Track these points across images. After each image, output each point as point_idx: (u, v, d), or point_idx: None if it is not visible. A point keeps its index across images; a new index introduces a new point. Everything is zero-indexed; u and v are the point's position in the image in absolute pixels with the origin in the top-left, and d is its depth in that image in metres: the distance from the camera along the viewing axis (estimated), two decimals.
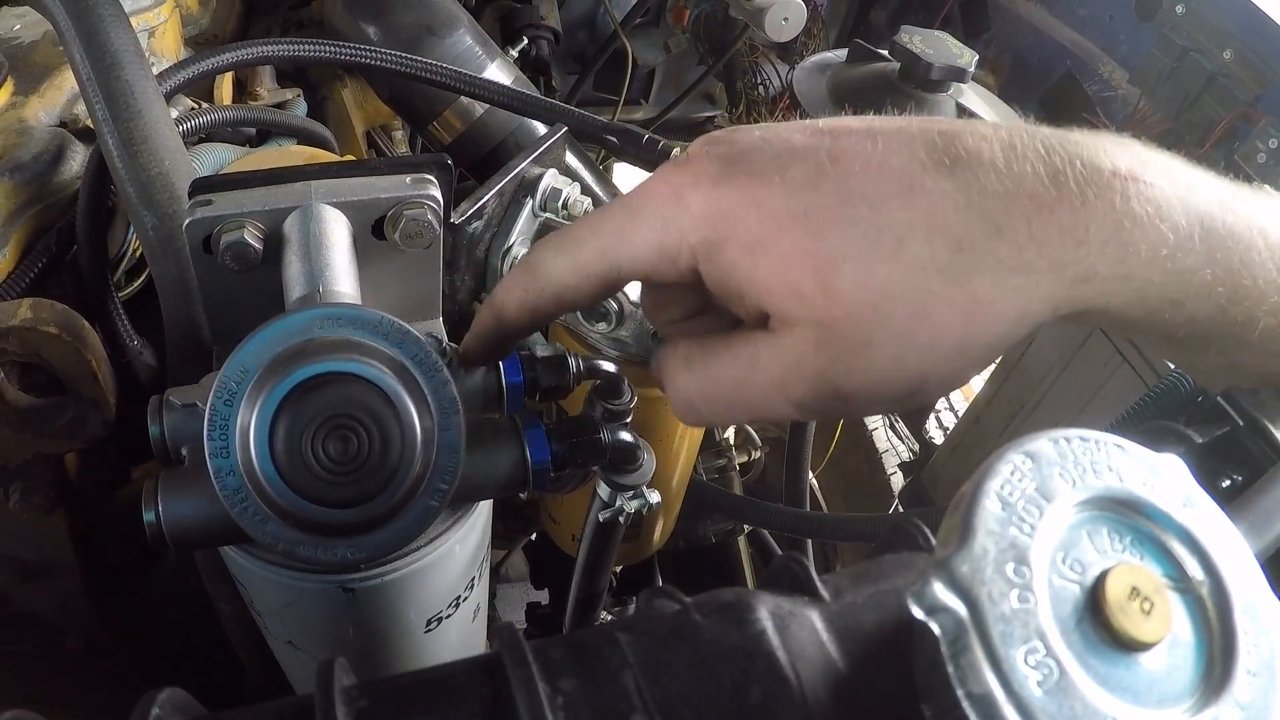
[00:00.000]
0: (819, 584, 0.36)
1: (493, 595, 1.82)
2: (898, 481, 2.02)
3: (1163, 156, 0.44)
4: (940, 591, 0.29)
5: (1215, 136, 1.26)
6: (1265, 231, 0.44)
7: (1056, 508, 0.32)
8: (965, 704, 0.29)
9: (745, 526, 1.57)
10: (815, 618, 0.35)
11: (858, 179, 0.42)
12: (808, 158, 0.43)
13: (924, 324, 0.41)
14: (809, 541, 1.50)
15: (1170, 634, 0.31)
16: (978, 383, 1.77)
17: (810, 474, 1.69)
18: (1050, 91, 1.60)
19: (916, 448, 2.04)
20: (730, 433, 1.62)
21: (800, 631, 0.34)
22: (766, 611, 0.34)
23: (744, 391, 0.46)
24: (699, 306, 0.53)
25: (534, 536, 1.51)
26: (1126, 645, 0.31)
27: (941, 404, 2.11)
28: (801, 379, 0.43)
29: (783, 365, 0.44)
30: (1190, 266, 0.42)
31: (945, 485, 1.59)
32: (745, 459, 1.74)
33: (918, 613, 0.30)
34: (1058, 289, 0.41)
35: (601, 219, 0.49)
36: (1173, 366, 0.80)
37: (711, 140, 0.48)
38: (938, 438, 2.04)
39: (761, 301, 0.44)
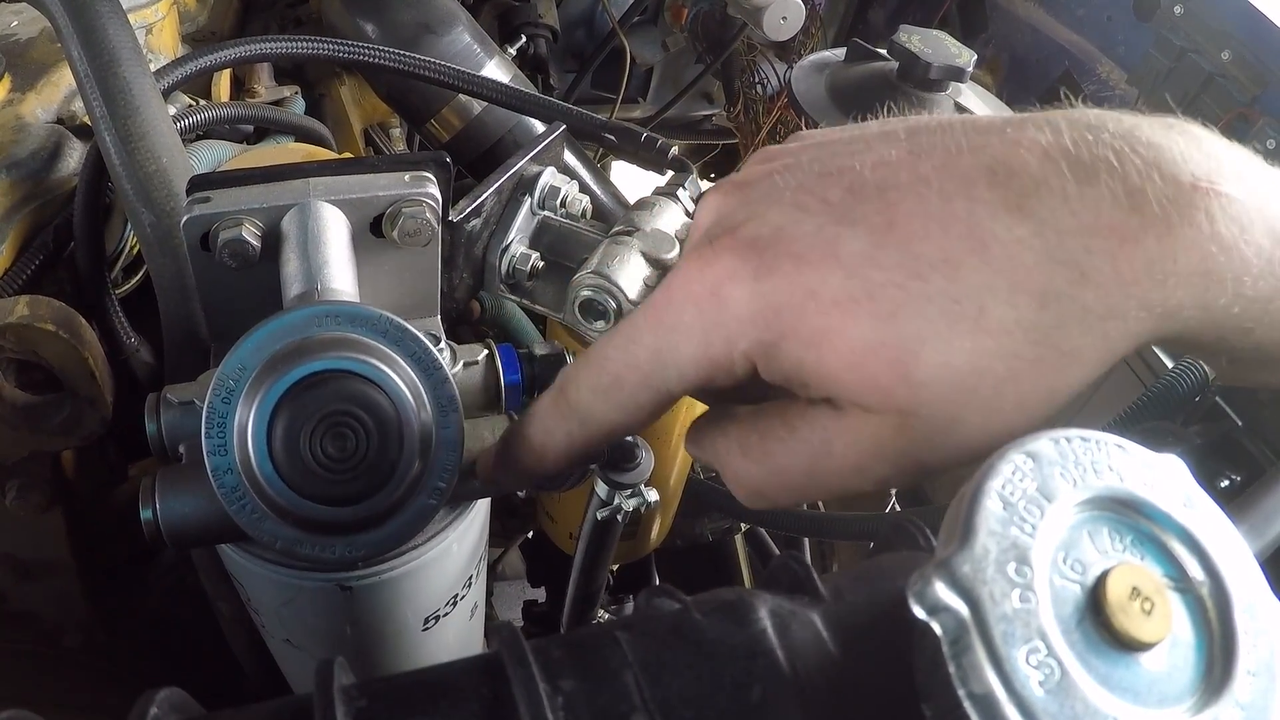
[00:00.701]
0: (819, 583, 0.36)
1: (490, 593, 1.82)
2: None
3: (1230, 150, 0.40)
4: (942, 591, 0.29)
5: None
6: None
7: (1057, 507, 0.32)
8: (967, 704, 0.29)
9: (742, 525, 1.57)
10: (815, 617, 0.35)
11: (921, 243, 0.38)
12: (858, 226, 0.39)
13: (1011, 387, 0.38)
14: (806, 540, 1.50)
15: (1171, 634, 0.31)
16: None
17: None
18: (1048, 91, 1.60)
19: None
20: None
21: (801, 631, 0.34)
22: (767, 611, 0.34)
23: (817, 478, 0.42)
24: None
25: (531, 534, 1.51)
26: (1127, 645, 0.31)
27: None
28: (883, 461, 0.40)
29: (859, 451, 0.40)
30: (1266, 295, 0.39)
31: (944, 484, 1.59)
32: None
33: (919, 612, 0.30)
34: (1144, 326, 0.38)
35: (633, 345, 0.44)
36: (1171, 365, 0.81)
37: (729, 222, 0.42)
38: None
39: (832, 393, 0.40)
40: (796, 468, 0.42)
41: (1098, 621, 0.31)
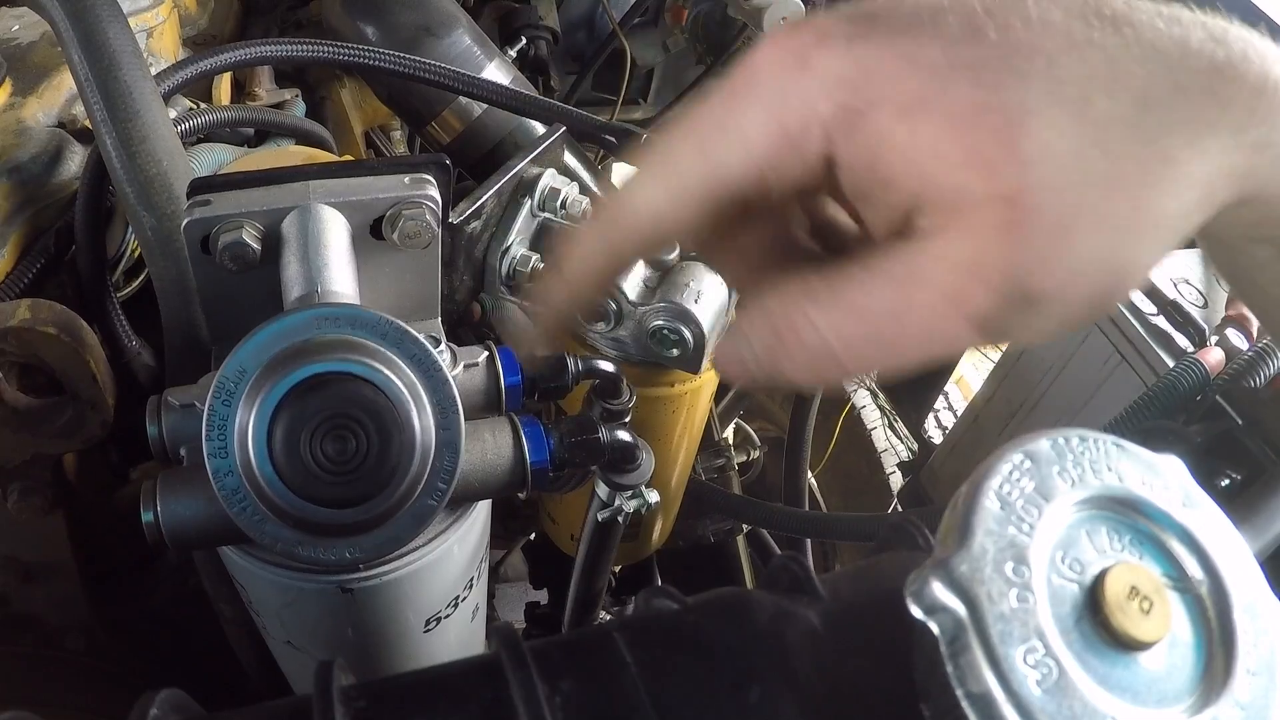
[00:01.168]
0: (818, 584, 0.36)
1: (491, 595, 1.82)
2: (897, 481, 2.02)
3: None
4: (939, 591, 0.29)
5: None
6: None
7: (1055, 507, 0.32)
8: (964, 703, 0.29)
9: (744, 526, 1.57)
10: (814, 617, 0.35)
11: (1022, 32, 0.35)
12: (958, 10, 0.36)
13: (1120, 194, 0.35)
14: (808, 541, 1.50)
15: (1169, 633, 0.31)
16: (976, 381, 1.77)
17: (809, 473, 1.69)
18: None
19: (915, 447, 2.04)
20: (729, 432, 1.62)
21: (799, 631, 0.34)
22: (766, 611, 0.34)
23: (903, 317, 0.36)
24: (782, 249, 0.44)
25: (533, 536, 1.51)
26: (1126, 644, 0.31)
27: (940, 403, 2.12)
28: (984, 282, 0.34)
29: (958, 267, 0.35)
30: None
31: (944, 484, 1.59)
32: (744, 458, 1.75)
33: (917, 612, 0.30)
34: (1239, 155, 0.36)
35: (694, 115, 0.38)
36: (1171, 365, 0.81)
37: (827, 7, 0.39)
38: (936, 437, 2.04)
39: (923, 183, 0.35)
40: (879, 307, 0.36)
41: (1096, 621, 0.31)
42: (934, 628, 0.30)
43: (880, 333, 0.36)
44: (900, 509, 1.76)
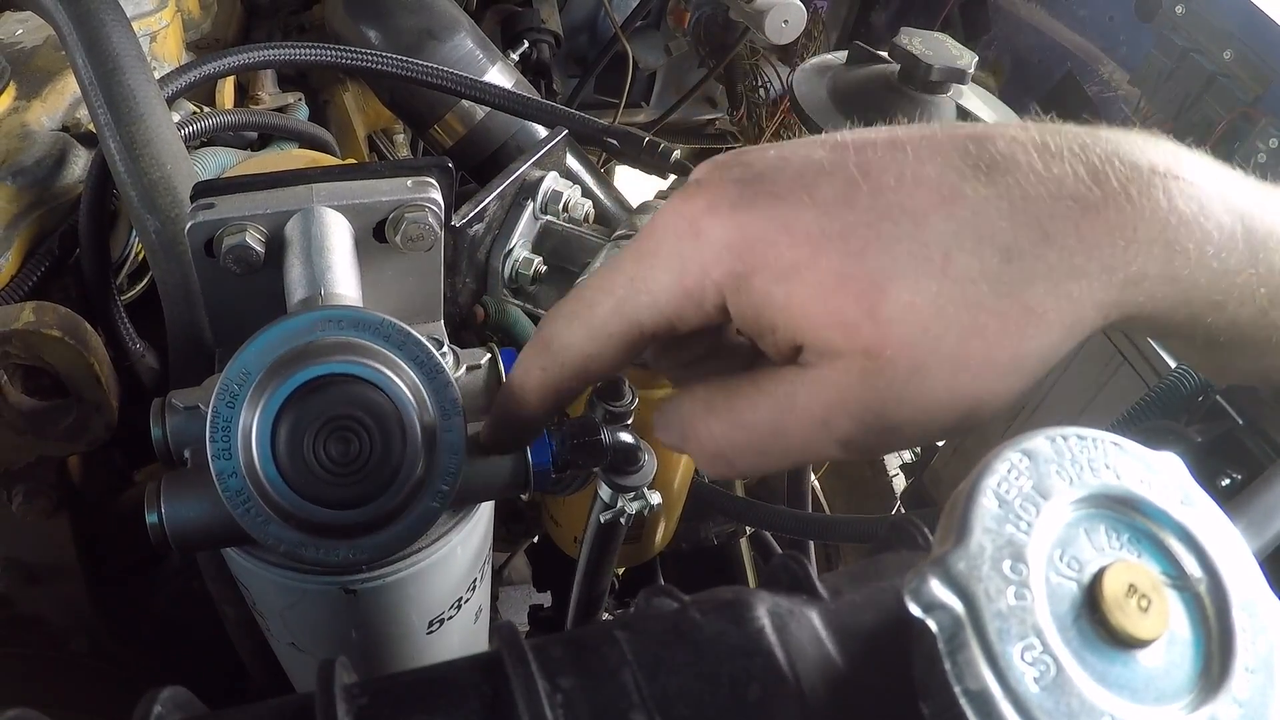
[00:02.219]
0: (817, 583, 0.36)
1: (495, 598, 1.82)
2: (900, 483, 2.02)
3: (1194, 154, 0.42)
4: (937, 589, 0.30)
5: (1216, 136, 1.26)
6: None
7: (1053, 505, 0.33)
8: (962, 701, 0.29)
9: (747, 528, 1.57)
10: (814, 616, 0.35)
11: (893, 192, 0.39)
12: (835, 173, 0.41)
13: (977, 341, 0.38)
14: (810, 543, 1.50)
15: (1168, 631, 0.31)
16: None
17: (813, 476, 1.69)
18: (1051, 93, 1.60)
19: (918, 450, 2.04)
20: None
21: (799, 630, 0.34)
22: (765, 610, 0.34)
23: (781, 435, 0.42)
24: (710, 349, 0.50)
25: (536, 539, 1.51)
26: (1124, 642, 0.31)
27: None
28: (848, 414, 0.40)
29: (825, 401, 0.40)
30: (1234, 267, 0.41)
31: (947, 486, 1.58)
32: None
33: (915, 610, 0.30)
34: (1109, 293, 0.39)
35: (611, 272, 0.45)
36: (1174, 365, 0.81)
37: (720, 164, 0.44)
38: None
39: (798, 333, 0.40)
40: (761, 423, 0.42)
41: (1094, 619, 0.31)
42: (932, 625, 0.30)
43: (762, 443, 0.43)
44: (903, 511, 1.76)
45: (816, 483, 2.14)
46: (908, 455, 2.10)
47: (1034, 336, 0.39)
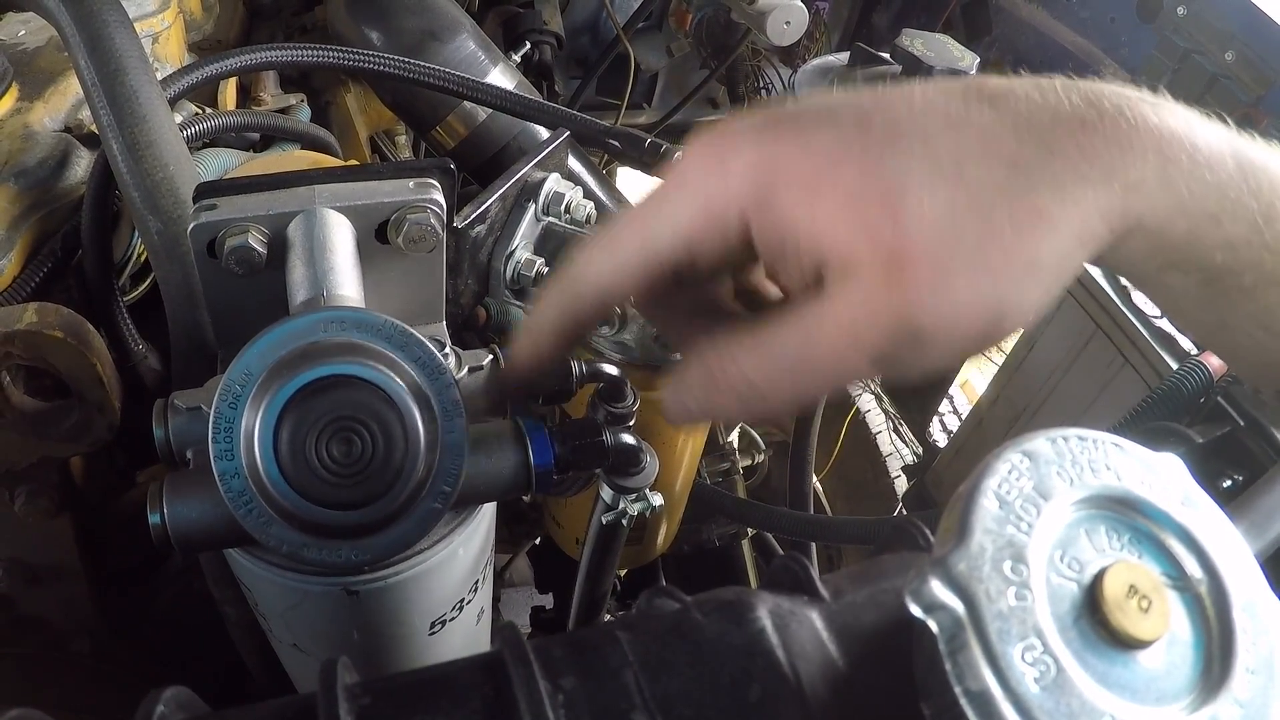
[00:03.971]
0: (819, 583, 0.36)
1: (497, 599, 1.82)
2: (902, 485, 2.02)
3: (1178, 104, 0.45)
4: (937, 589, 0.30)
5: None
6: None
7: (1054, 506, 0.33)
8: (963, 701, 0.29)
9: (749, 530, 1.57)
10: (815, 617, 0.35)
11: (905, 119, 0.42)
12: (850, 109, 0.43)
13: (994, 244, 0.40)
14: (813, 545, 1.50)
15: (1168, 632, 0.31)
16: (981, 385, 1.77)
17: (814, 478, 1.69)
18: None
19: (920, 451, 2.04)
20: (734, 436, 1.62)
21: (800, 630, 0.34)
22: (766, 610, 0.34)
23: (811, 356, 0.43)
24: (708, 308, 0.51)
25: (538, 541, 1.51)
26: (1124, 643, 0.31)
27: (945, 406, 2.11)
28: (876, 325, 0.40)
29: (853, 315, 0.41)
30: (1224, 180, 0.43)
31: (949, 488, 1.58)
32: (749, 463, 1.74)
33: (915, 610, 0.30)
34: (1112, 198, 0.41)
35: (639, 205, 0.47)
36: (1173, 368, 0.81)
37: (741, 115, 0.46)
38: (941, 440, 2.04)
39: (821, 247, 0.42)
40: (789, 348, 0.43)
41: (1095, 619, 0.31)
42: (932, 626, 0.30)
43: (794, 368, 0.43)
44: (905, 512, 1.76)
45: (818, 484, 2.14)
46: (910, 457, 2.10)
47: (1046, 238, 0.41)
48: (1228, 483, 0.59)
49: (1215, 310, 0.48)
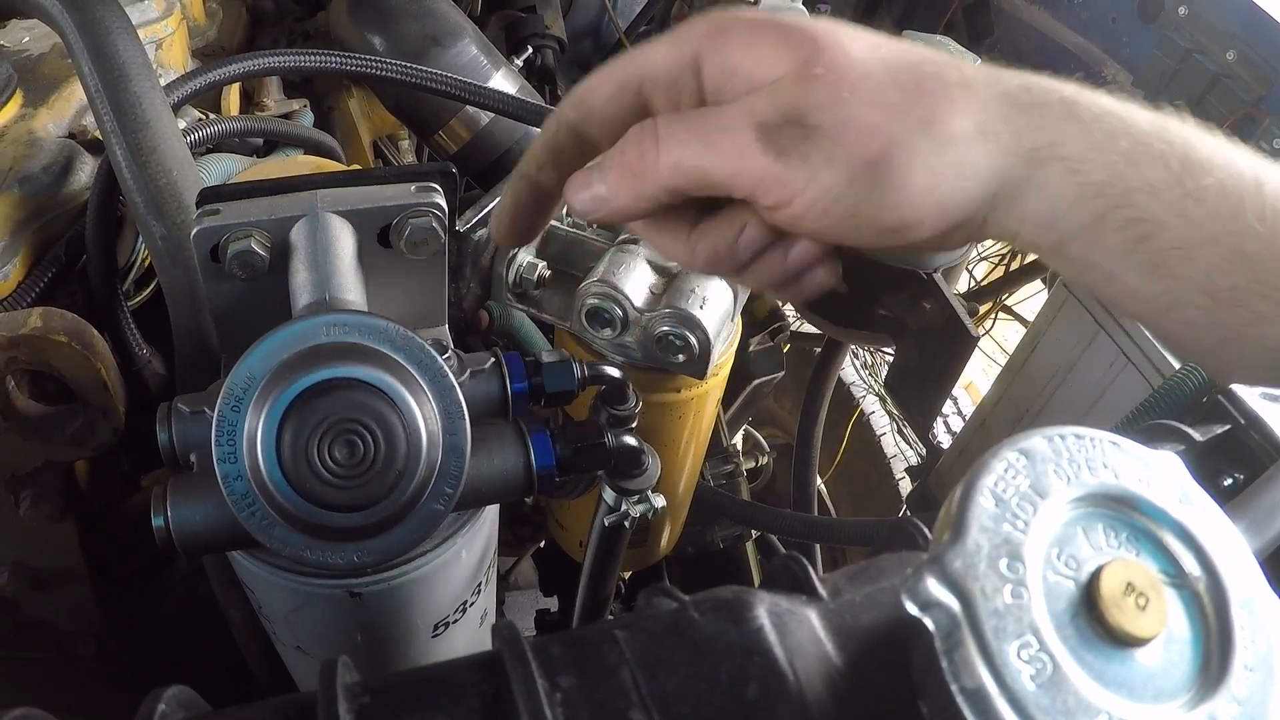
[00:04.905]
0: (817, 583, 0.36)
1: (502, 602, 1.82)
2: (907, 486, 2.02)
3: None
4: (933, 587, 0.30)
5: None
6: (1201, 136, 0.47)
7: (1051, 504, 0.33)
8: (959, 699, 0.29)
9: (753, 532, 1.57)
10: (813, 616, 0.35)
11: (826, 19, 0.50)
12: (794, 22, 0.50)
13: (896, 92, 0.46)
14: (817, 547, 1.50)
15: (1166, 629, 0.31)
16: (984, 385, 1.77)
17: (819, 480, 1.69)
18: None
19: (924, 452, 2.04)
20: (738, 439, 1.62)
21: (798, 629, 0.34)
22: (764, 609, 0.34)
23: (721, 126, 0.48)
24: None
25: (543, 544, 1.51)
26: (1122, 640, 0.31)
27: (949, 408, 2.12)
28: (772, 103, 0.46)
29: (759, 96, 0.47)
30: (1135, 125, 0.46)
31: (952, 488, 1.58)
32: (753, 465, 1.75)
33: (911, 608, 0.30)
34: (1014, 113, 0.46)
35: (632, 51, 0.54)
36: (1175, 368, 0.80)
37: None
38: (945, 442, 2.04)
39: (758, 71, 0.48)
40: (706, 122, 0.49)
41: (1091, 617, 0.31)
42: (929, 624, 0.30)
43: (703, 139, 0.48)
44: (910, 513, 1.76)
45: (823, 486, 2.14)
46: (914, 458, 2.10)
47: (944, 107, 0.46)
48: (1228, 481, 0.58)
49: (1159, 281, 0.48)
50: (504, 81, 1.27)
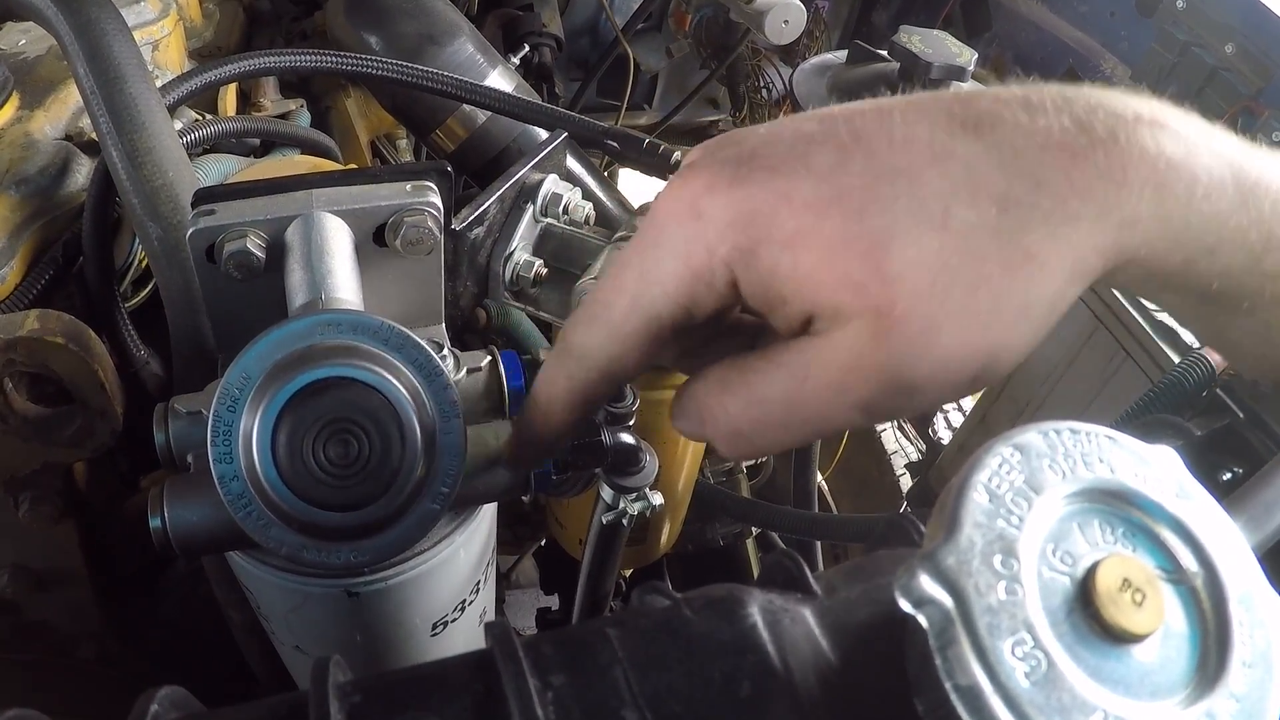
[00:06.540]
0: (812, 580, 0.36)
1: (502, 601, 1.82)
2: (907, 482, 2.01)
3: (1178, 109, 0.42)
4: (926, 584, 0.30)
5: None
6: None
7: (1046, 500, 0.32)
8: (953, 696, 0.29)
9: (753, 529, 1.56)
10: (807, 613, 0.35)
11: (886, 154, 0.40)
12: (827, 142, 0.41)
13: (984, 291, 0.38)
14: (818, 544, 1.50)
15: (1163, 625, 0.31)
16: None
17: (819, 476, 1.69)
18: None
19: (924, 448, 2.04)
20: None
21: (792, 626, 0.34)
22: (757, 607, 0.34)
23: (798, 406, 0.42)
24: (718, 330, 0.50)
25: (543, 542, 1.51)
26: (1118, 637, 0.31)
27: (949, 404, 2.11)
28: (864, 378, 0.39)
29: (839, 366, 0.40)
30: (1224, 210, 0.41)
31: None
32: (753, 462, 1.74)
33: (905, 605, 0.30)
34: (1105, 236, 0.39)
35: (620, 270, 0.45)
36: (1175, 362, 0.80)
37: (711, 146, 0.44)
38: (945, 438, 2.03)
39: (808, 301, 0.40)
40: (777, 396, 0.42)
41: (1087, 613, 0.31)
42: (922, 620, 0.30)
43: (780, 417, 0.43)
44: (910, 509, 1.76)
45: (824, 482, 2.14)
46: (914, 454, 2.09)
47: (1038, 282, 0.39)
48: (1227, 475, 0.58)
49: (1213, 323, 0.47)
50: (500, 80, 1.27)
